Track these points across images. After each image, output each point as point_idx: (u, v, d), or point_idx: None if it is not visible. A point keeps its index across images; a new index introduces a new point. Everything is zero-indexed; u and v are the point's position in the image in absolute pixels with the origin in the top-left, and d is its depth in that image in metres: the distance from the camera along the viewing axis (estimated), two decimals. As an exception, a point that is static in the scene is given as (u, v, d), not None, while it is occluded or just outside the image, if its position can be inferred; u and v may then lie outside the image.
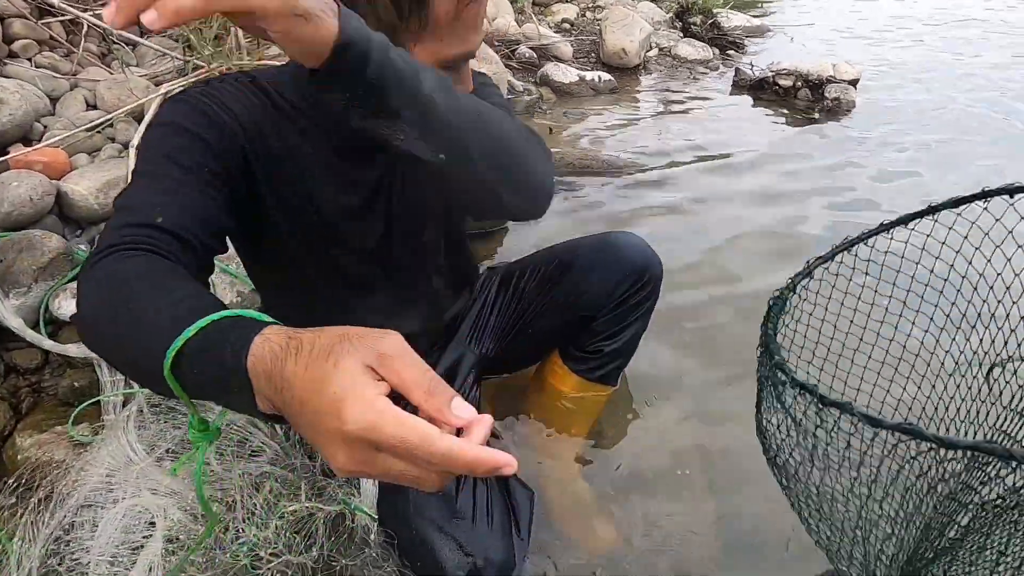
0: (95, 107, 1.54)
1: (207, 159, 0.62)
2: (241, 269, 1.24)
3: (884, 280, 0.79)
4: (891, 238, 0.74)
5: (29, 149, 1.29)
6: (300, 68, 0.48)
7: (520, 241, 1.76)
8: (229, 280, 1.24)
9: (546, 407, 1.14)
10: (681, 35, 3.86)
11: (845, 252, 0.73)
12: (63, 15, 1.58)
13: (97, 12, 1.66)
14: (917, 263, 0.77)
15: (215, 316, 0.43)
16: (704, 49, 3.65)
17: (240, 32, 1.74)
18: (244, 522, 0.82)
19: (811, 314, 0.75)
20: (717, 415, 1.22)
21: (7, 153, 1.32)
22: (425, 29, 0.61)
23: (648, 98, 3.02)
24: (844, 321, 0.78)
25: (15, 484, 0.85)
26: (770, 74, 3.08)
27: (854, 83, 3.05)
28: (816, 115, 2.86)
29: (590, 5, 4.06)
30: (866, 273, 0.76)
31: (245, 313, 0.44)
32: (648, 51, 3.53)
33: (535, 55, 3.12)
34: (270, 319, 0.43)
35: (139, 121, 1.50)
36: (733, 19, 4.37)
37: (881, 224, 0.73)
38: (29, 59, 1.55)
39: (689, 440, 1.17)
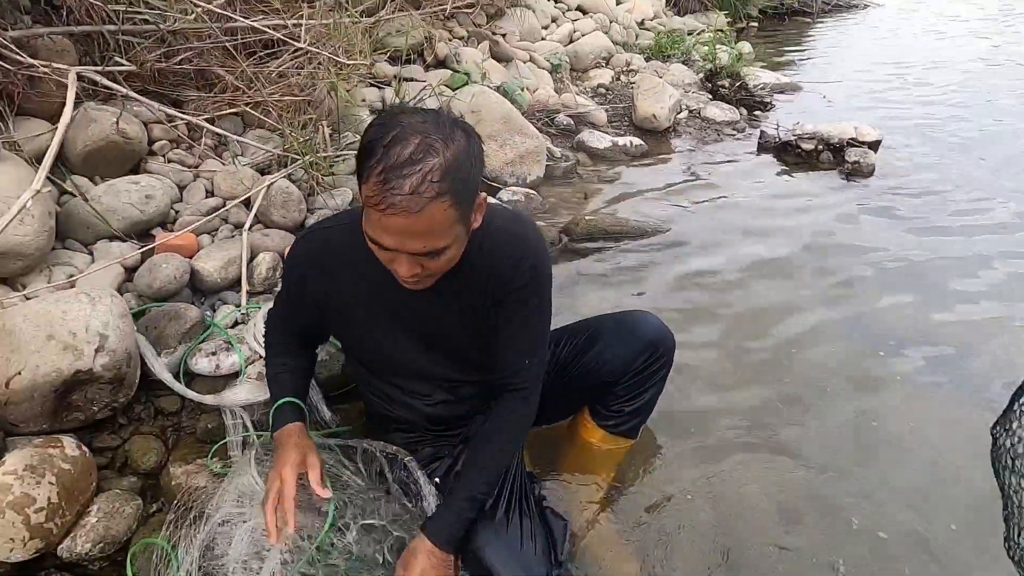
0: (212, 194, 1.90)
1: (301, 296, 1.10)
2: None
3: None
4: None
5: (171, 235, 1.64)
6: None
7: (556, 305, 2.01)
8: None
9: (577, 455, 1.38)
10: (710, 97, 4.12)
11: None
12: (186, 119, 1.97)
13: (209, 118, 2.05)
14: None
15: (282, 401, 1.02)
16: (731, 111, 3.89)
17: (326, 129, 2.10)
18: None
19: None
20: (720, 466, 1.42)
21: (152, 237, 1.67)
22: (364, 203, 0.84)
23: (677, 161, 3.27)
24: None
25: (177, 504, 1.13)
26: (793, 138, 3.29)
27: (875, 145, 3.23)
28: (842, 178, 3.04)
29: (624, 69, 4.37)
30: None
31: (295, 400, 1.07)
32: (678, 113, 3.79)
33: (572, 122, 3.43)
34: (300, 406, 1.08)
35: (247, 206, 1.85)
36: (762, 77, 4.60)
37: None
38: (163, 156, 1.93)
39: (701, 485, 1.38)
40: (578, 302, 2.02)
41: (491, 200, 2.29)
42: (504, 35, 3.84)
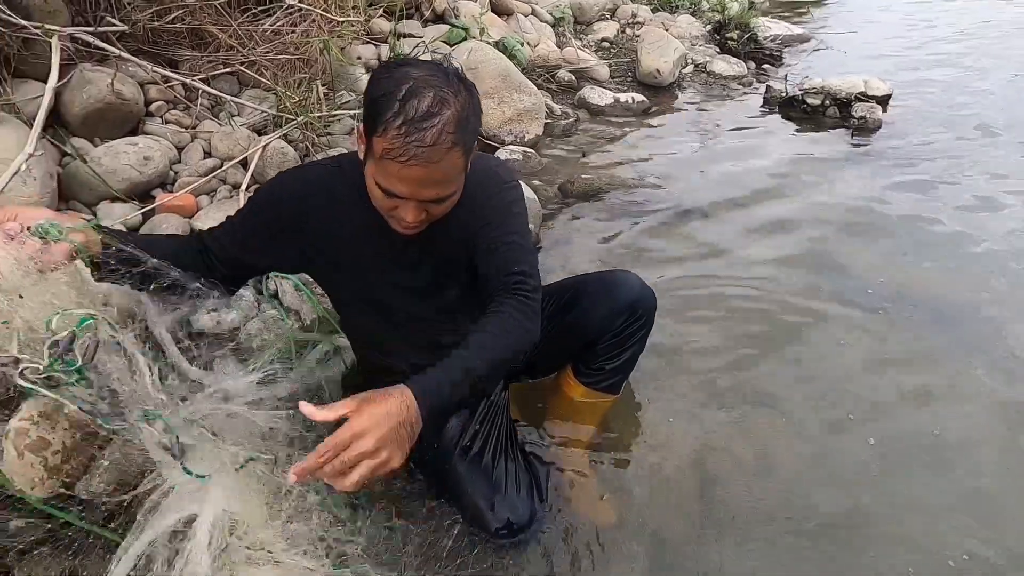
0: (210, 155, 1.93)
1: (259, 230, 1.07)
2: (321, 297, 1.59)
3: None
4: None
5: (171, 196, 1.68)
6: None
7: (550, 263, 2.05)
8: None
9: (561, 409, 1.44)
10: (718, 50, 4.01)
11: None
12: (181, 79, 1.98)
13: (204, 78, 2.05)
14: None
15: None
16: (739, 65, 3.79)
17: (319, 89, 2.10)
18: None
19: None
20: (699, 421, 1.48)
21: (152, 198, 1.72)
22: (371, 154, 0.88)
23: (679, 118, 3.23)
24: None
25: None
26: (799, 92, 3.22)
27: (885, 100, 3.16)
28: (847, 134, 2.99)
29: (629, 21, 4.25)
30: None
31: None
32: (684, 68, 3.71)
33: (573, 78, 3.37)
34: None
35: (244, 167, 1.88)
36: (773, 28, 4.46)
37: None
38: (161, 117, 1.95)
39: (682, 439, 1.44)
40: (571, 260, 2.06)
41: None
42: (505, -14, 3.73)
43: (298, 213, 1.06)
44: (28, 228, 0.88)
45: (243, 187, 1.79)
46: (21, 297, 0.84)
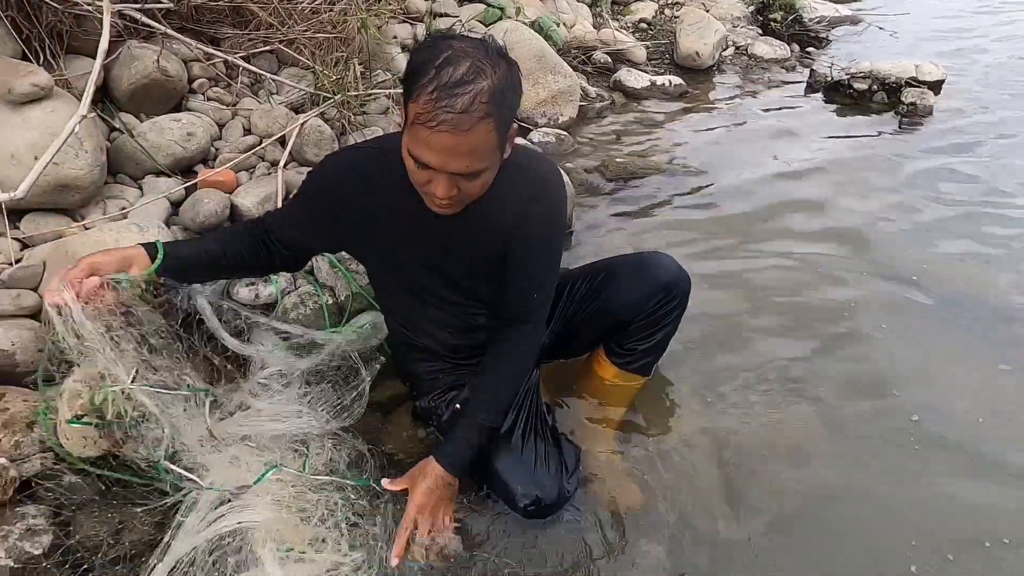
0: (250, 132, 1.96)
1: (309, 213, 1.16)
2: (355, 274, 1.61)
3: None
4: None
5: (212, 171, 1.72)
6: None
7: (583, 246, 2.03)
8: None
9: (591, 389, 1.44)
10: (760, 32, 3.88)
11: None
12: (223, 57, 2.01)
13: (245, 56, 2.08)
14: None
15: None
16: (781, 47, 3.66)
17: (356, 68, 2.11)
18: None
19: None
20: (730, 405, 1.46)
21: (194, 173, 1.76)
22: (407, 122, 0.90)
23: (717, 103, 3.14)
24: None
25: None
26: (845, 77, 3.10)
27: (937, 86, 3.02)
28: (896, 121, 2.86)
29: (669, 2, 4.14)
30: None
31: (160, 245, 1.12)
32: (724, 50, 3.60)
33: (610, 59, 3.31)
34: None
35: (283, 144, 1.91)
36: (820, 9, 4.29)
37: None
38: (203, 94, 2.00)
39: (711, 424, 1.42)
40: (604, 243, 2.04)
41: (520, 141, 2.28)
42: (542, -35, 3.67)
43: (337, 198, 1.10)
44: (105, 284, 1.00)
45: (281, 164, 1.82)
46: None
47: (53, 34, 1.68)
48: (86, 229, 1.47)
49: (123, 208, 1.58)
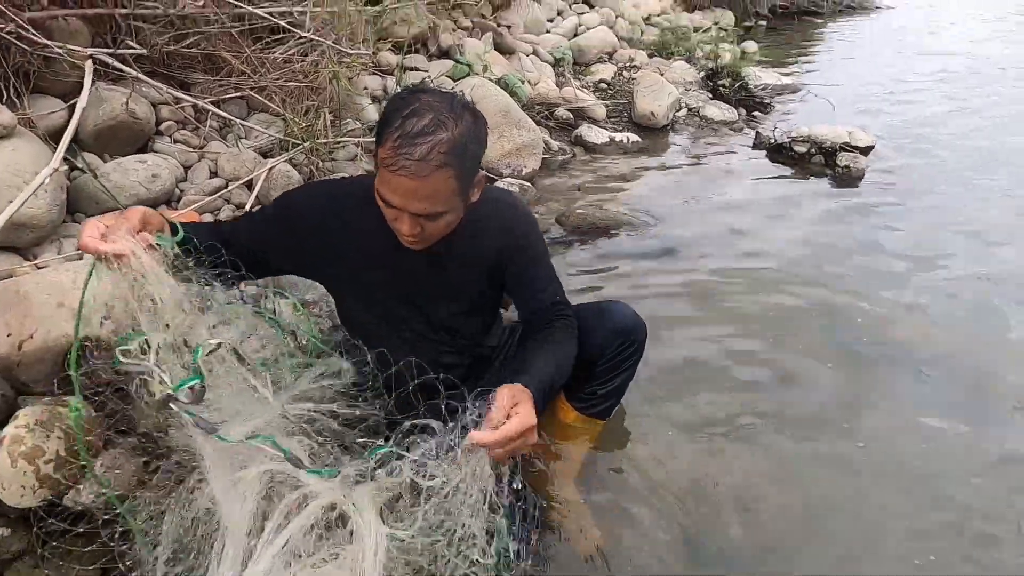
0: (216, 175, 1.98)
1: (279, 233, 1.16)
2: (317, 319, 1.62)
3: None
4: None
5: (176, 213, 1.72)
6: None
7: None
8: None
9: (553, 432, 1.46)
10: (710, 96, 4.17)
11: None
12: (192, 101, 2.04)
13: (215, 100, 2.12)
14: None
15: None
16: (730, 111, 3.94)
17: (326, 116, 2.17)
18: None
19: None
20: (695, 445, 1.51)
21: (157, 214, 1.75)
22: (376, 166, 0.97)
23: (672, 159, 3.34)
24: None
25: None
26: (787, 140, 3.35)
27: (867, 151, 3.29)
28: (831, 182, 3.10)
29: (627, 65, 4.42)
30: None
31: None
32: (677, 111, 3.85)
33: (571, 116, 3.49)
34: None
35: (250, 188, 1.93)
36: (763, 77, 4.65)
37: None
38: (170, 136, 2.01)
39: (668, 466, 1.46)
40: (564, 290, 2.10)
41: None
42: (509, 27, 3.89)
43: (317, 226, 1.14)
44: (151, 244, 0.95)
45: (247, 207, 1.83)
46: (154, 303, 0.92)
47: (19, 73, 1.68)
48: (38, 268, 1.44)
49: (79, 249, 1.55)
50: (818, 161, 3.25)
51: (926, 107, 4.48)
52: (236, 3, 2.03)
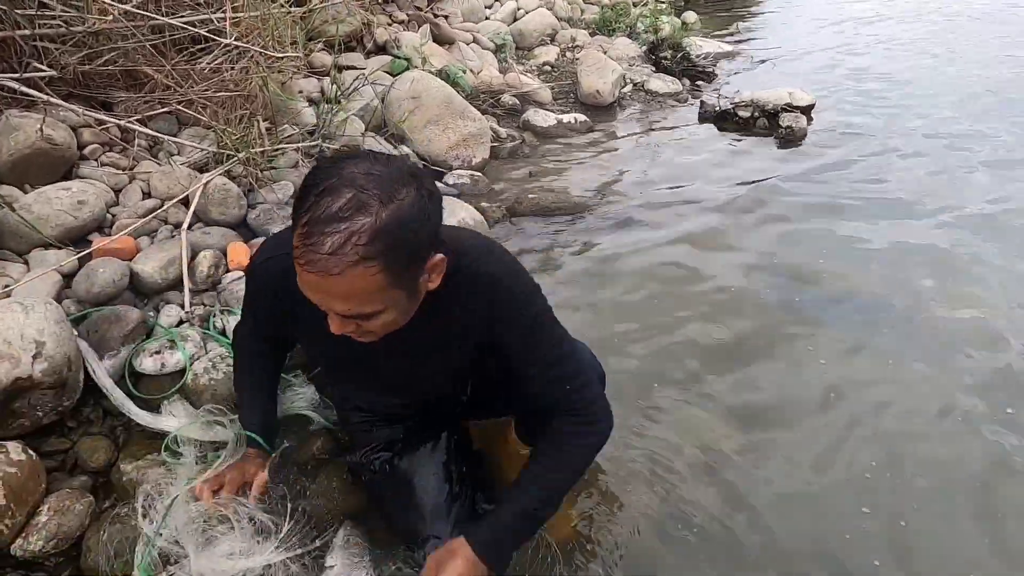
0: (149, 195, 1.90)
1: (264, 312, 1.12)
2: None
3: None
4: None
5: (108, 240, 1.64)
6: None
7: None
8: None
9: (504, 455, 1.42)
10: (653, 69, 4.19)
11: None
12: (115, 122, 1.95)
13: (140, 118, 2.03)
14: None
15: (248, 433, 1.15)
16: (674, 82, 3.97)
17: (260, 124, 2.10)
18: None
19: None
20: (656, 463, 1.45)
21: (88, 242, 1.68)
22: None
23: (620, 135, 3.35)
24: None
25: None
26: (731, 106, 3.39)
27: (809, 109, 3.36)
28: (776, 143, 3.16)
29: (569, 46, 4.41)
30: None
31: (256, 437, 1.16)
32: (623, 88, 3.86)
33: (518, 102, 3.46)
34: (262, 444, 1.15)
35: (186, 205, 1.86)
36: (704, 47, 4.70)
37: None
38: (96, 160, 1.92)
39: (633, 485, 1.39)
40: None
41: (461, 226, 2.31)
42: (446, 16, 3.83)
43: (278, 299, 0.99)
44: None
45: (185, 225, 1.77)
46: None
47: (-82, 109, 1.58)
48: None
49: (6, 287, 1.48)
50: (762, 124, 3.31)
51: (866, 65, 4.59)
52: (150, 15, 1.93)
